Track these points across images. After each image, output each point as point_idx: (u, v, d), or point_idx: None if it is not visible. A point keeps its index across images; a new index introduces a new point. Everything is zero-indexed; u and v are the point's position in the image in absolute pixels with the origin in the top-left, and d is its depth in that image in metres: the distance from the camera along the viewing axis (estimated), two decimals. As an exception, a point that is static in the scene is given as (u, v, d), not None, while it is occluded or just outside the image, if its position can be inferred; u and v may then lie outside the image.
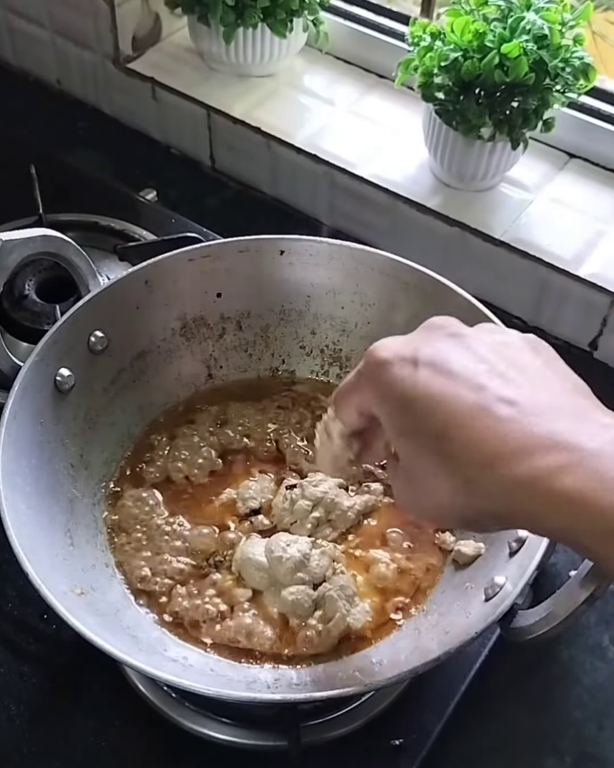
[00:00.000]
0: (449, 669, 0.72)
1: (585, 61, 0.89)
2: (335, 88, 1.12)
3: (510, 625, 0.62)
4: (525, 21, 0.87)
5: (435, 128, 0.95)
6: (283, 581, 0.70)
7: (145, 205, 1.06)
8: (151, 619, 0.70)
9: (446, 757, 0.71)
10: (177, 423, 0.82)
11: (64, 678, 0.73)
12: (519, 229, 0.97)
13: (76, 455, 0.74)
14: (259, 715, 0.70)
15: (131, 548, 0.73)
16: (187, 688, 0.58)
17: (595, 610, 0.79)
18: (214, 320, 0.83)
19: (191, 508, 0.76)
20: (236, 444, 0.80)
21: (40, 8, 1.17)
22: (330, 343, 0.84)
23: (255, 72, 1.12)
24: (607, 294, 0.92)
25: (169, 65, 1.14)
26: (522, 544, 0.66)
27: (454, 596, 0.69)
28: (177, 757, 0.70)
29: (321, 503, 0.74)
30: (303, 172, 1.06)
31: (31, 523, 0.66)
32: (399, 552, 0.74)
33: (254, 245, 0.80)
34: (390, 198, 1.01)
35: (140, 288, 0.78)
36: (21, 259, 0.72)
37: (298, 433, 0.81)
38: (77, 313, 0.74)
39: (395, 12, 1.10)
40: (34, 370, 0.71)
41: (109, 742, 0.70)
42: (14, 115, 1.22)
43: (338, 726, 0.70)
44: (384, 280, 0.80)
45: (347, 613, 0.69)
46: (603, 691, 0.75)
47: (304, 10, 1.05)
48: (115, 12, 1.10)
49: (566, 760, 0.72)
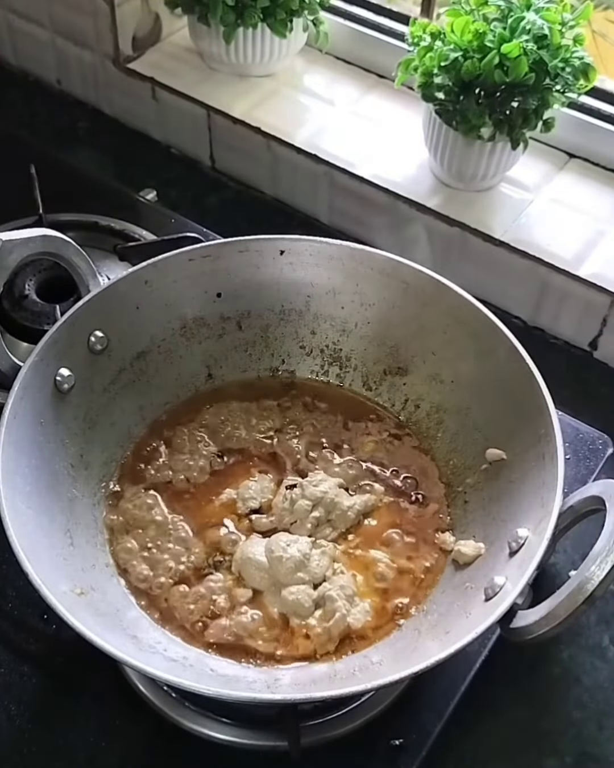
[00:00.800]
0: (449, 669, 0.72)
1: (585, 61, 0.89)
2: (335, 88, 1.12)
3: (510, 625, 0.63)
4: (525, 21, 0.87)
5: (435, 128, 0.95)
6: (283, 581, 0.70)
7: (145, 205, 1.06)
8: (151, 619, 0.70)
9: (446, 757, 0.71)
10: (177, 423, 0.81)
11: (64, 678, 0.73)
12: (519, 229, 0.97)
13: (76, 455, 0.74)
14: (259, 715, 0.70)
15: (131, 548, 0.73)
16: (187, 688, 0.58)
17: (595, 610, 0.79)
18: (214, 320, 0.83)
19: (191, 508, 0.76)
20: (236, 444, 0.80)
21: (40, 8, 1.17)
22: (330, 343, 0.84)
23: (255, 72, 1.12)
24: (607, 294, 0.92)
25: (169, 65, 1.14)
26: (522, 544, 0.66)
27: (454, 596, 0.69)
28: (177, 757, 0.70)
29: (321, 503, 0.74)
30: (303, 172, 1.06)
31: (31, 523, 0.66)
32: (399, 552, 0.74)
33: (254, 245, 0.80)
34: (390, 198, 1.01)
35: (140, 288, 0.78)
36: (21, 259, 0.72)
37: (297, 433, 0.81)
38: (77, 313, 0.74)
39: (395, 12, 1.10)
40: (34, 370, 0.71)
41: (109, 742, 0.70)
42: (14, 115, 1.22)
43: (338, 726, 0.70)
44: (384, 280, 0.80)
45: (347, 613, 0.69)
46: (603, 691, 0.75)
47: (304, 10, 1.05)
48: (115, 12, 1.10)
49: (566, 760, 0.72)
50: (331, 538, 0.74)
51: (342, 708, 0.71)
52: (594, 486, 0.66)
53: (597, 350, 0.98)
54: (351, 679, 0.66)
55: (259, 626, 0.69)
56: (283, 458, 0.80)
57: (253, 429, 0.81)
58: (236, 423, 0.81)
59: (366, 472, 0.79)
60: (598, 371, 0.97)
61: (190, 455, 0.79)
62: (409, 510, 0.77)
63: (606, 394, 0.96)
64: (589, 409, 0.90)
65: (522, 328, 1.00)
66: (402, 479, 0.79)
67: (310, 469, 0.78)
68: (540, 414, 0.69)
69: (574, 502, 0.66)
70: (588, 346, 0.98)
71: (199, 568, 0.73)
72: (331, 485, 0.76)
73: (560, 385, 0.75)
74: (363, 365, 0.84)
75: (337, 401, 0.84)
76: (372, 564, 0.73)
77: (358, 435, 0.81)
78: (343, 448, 0.80)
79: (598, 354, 0.98)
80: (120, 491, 0.77)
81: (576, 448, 0.85)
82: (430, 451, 0.80)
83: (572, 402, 0.88)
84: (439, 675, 0.72)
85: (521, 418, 0.72)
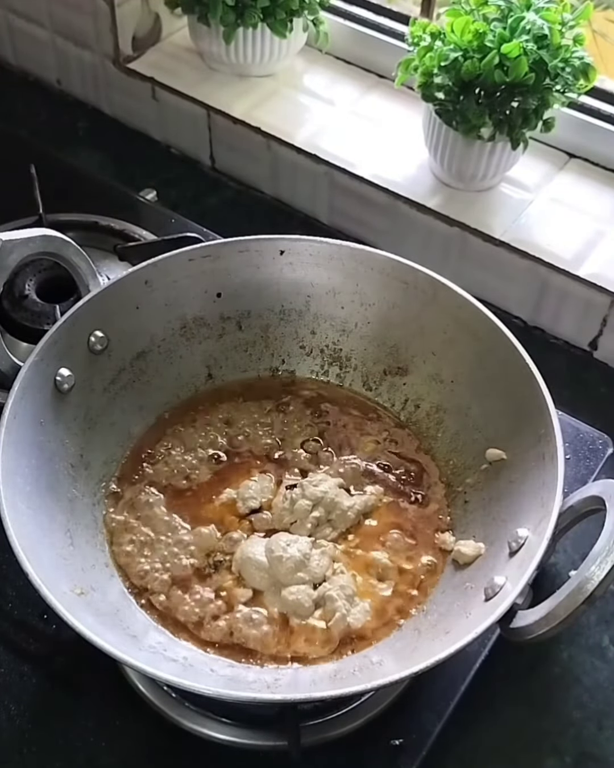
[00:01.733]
0: (449, 669, 0.72)
1: (585, 61, 0.89)
2: (335, 88, 1.12)
3: (510, 625, 0.63)
4: (525, 21, 0.87)
5: (435, 128, 0.95)
6: (283, 581, 0.70)
7: (145, 205, 1.06)
8: (151, 619, 0.70)
9: (446, 757, 0.71)
10: (177, 423, 0.81)
11: (64, 678, 0.73)
12: (519, 229, 0.97)
13: (76, 455, 0.74)
14: (259, 715, 0.70)
15: (131, 548, 0.73)
16: (187, 688, 0.58)
17: (595, 610, 0.79)
18: (214, 320, 0.83)
19: (191, 508, 0.76)
20: (236, 444, 0.80)
21: (40, 8, 1.17)
22: (330, 343, 0.84)
23: (255, 72, 1.12)
24: (607, 294, 0.92)
25: (169, 65, 1.14)
26: (522, 544, 0.66)
27: (454, 596, 0.69)
28: (177, 757, 0.70)
29: (321, 503, 0.74)
30: (303, 172, 1.06)
31: (31, 523, 0.66)
32: (399, 552, 0.74)
33: (254, 245, 0.80)
34: (390, 198, 1.01)
35: (140, 288, 0.78)
36: (21, 259, 0.72)
37: (297, 433, 0.81)
38: (77, 313, 0.74)
39: (395, 12, 1.10)
40: (34, 370, 0.71)
41: (109, 742, 0.70)
42: (14, 115, 1.22)
43: (338, 726, 0.70)
44: (384, 280, 0.80)
45: (347, 613, 0.69)
46: (603, 691, 0.75)
47: (304, 10, 1.05)
48: (115, 12, 1.10)
49: (566, 760, 0.72)
50: (331, 538, 0.74)
51: (342, 708, 0.71)
52: (594, 486, 0.66)
53: (597, 350, 0.98)
54: (352, 679, 0.66)
55: (258, 626, 0.69)
56: (283, 458, 0.80)
57: (253, 429, 0.81)
58: (236, 423, 0.82)
59: (366, 472, 0.79)
60: (598, 371, 0.97)
61: (190, 455, 0.79)
62: (409, 510, 0.77)
63: (606, 394, 0.96)
64: (589, 409, 0.90)
65: (522, 328, 1.00)
66: (402, 479, 0.79)
67: (310, 469, 0.78)
68: (540, 414, 0.69)
69: (574, 502, 0.66)
70: (588, 346, 0.98)
71: (199, 568, 0.73)
72: (331, 485, 0.76)
73: (560, 385, 0.75)
74: (363, 365, 0.84)
75: (337, 401, 0.84)
76: (372, 564, 0.73)
77: (358, 435, 0.81)
78: (343, 448, 0.80)
79: (598, 354, 0.98)
80: (120, 491, 0.77)
81: (576, 448, 0.85)
82: (430, 451, 0.80)
83: (572, 402, 0.88)
84: (439, 675, 0.72)
85: (521, 418, 0.72)
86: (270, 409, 0.83)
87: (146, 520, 0.75)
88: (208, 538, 0.74)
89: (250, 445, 0.80)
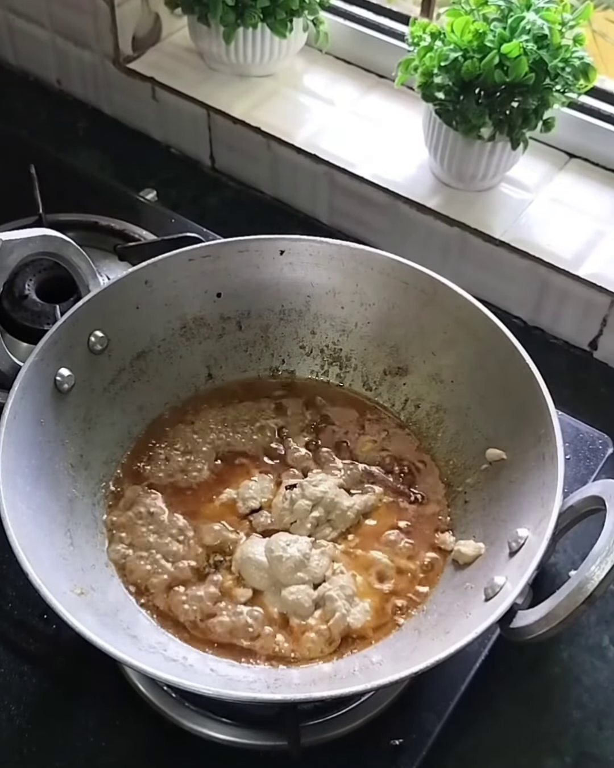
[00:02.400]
0: (449, 669, 0.72)
1: (585, 61, 0.89)
2: (335, 88, 1.12)
3: (510, 625, 0.63)
4: (525, 21, 0.87)
5: (435, 128, 0.95)
6: (283, 581, 0.70)
7: (145, 205, 1.06)
8: (151, 619, 0.70)
9: (446, 757, 0.71)
10: (177, 423, 0.81)
11: (64, 678, 0.73)
12: (519, 229, 0.97)
13: (76, 455, 0.74)
14: (259, 715, 0.70)
15: (131, 548, 0.73)
16: (187, 688, 0.58)
17: (595, 610, 0.79)
18: (214, 320, 0.83)
19: (191, 508, 0.76)
20: (236, 444, 0.80)
21: (40, 8, 1.17)
22: (330, 343, 0.84)
23: (255, 72, 1.11)
24: (607, 294, 0.92)
25: (169, 65, 1.14)
26: (522, 544, 0.66)
27: (454, 596, 0.69)
28: (177, 757, 0.70)
29: (321, 503, 0.74)
30: (303, 172, 1.06)
31: (31, 523, 0.66)
32: (399, 552, 0.74)
33: (254, 245, 0.80)
34: (390, 198, 1.01)
35: (140, 288, 0.78)
36: (21, 259, 0.72)
37: (297, 433, 0.81)
38: (77, 313, 0.74)
39: (395, 12, 1.10)
40: (34, 370, 0.71)
41: (109, 742, 0.70)
42: (14, 115, 1.22)
43: (338, 726, 0.70)
44: (384, 280, 0.80)
45: (347, 613, 0.69)
46: (603, 691, 0.75)
47: (304, 10, 1.05)
48: (115, 12, 1.10)
49: (566, 760, 0.72)
50: (331, 538, 0.74)
51: (342, 708, 0.71)
52: (594, 486, 0.66)
53: (597, 350, 0.98)
54: (351, 679, 0.66)
55: (258, 626, 0.69)
56: (283, 458, 0.80)
57: (253, 429, 0.81)
58: (236, 423, 0.82)
59: (365, 472, 0.79)
60: (598, 371, 0.98)
61: (190, 455, 0.79)
62: (409, 510, 0.77)
63: (606, 394, 0.96)
64: (589, 409, 0.90)
65: (522, 328, 1.00)
66: (402, 479, 0.79)
67: (310, 469, 0.78)
68: (540, 414, 0.69)
69: (574, 502, 0.66)
70: (588, 346, 0.98)
71: (199, 568, 0.73)
72: (331, 485, 0.76)
73: (560, 385, 0.75)
74: (363, 365, 0.84)
75: (337, 401, 0.84)
76: (372, 564, 0.73)
77: (358, 435, 0.81)
78: (343, 448, 0.80)
79: (598, 354, 0.98)
80: (120, 491, 0.77)
81: (576, 448, 0.85)
82: (430, 451, 0.80)
83: (572, 402, 0.88)
84: (439, 675, 0.72)
85: (521, 418, 0.72)
86: (270, 409, 0.83)
87: (146, 520, 0.75)
88: (208, 538, 0.74)
89: (250, 445, 0.80)
